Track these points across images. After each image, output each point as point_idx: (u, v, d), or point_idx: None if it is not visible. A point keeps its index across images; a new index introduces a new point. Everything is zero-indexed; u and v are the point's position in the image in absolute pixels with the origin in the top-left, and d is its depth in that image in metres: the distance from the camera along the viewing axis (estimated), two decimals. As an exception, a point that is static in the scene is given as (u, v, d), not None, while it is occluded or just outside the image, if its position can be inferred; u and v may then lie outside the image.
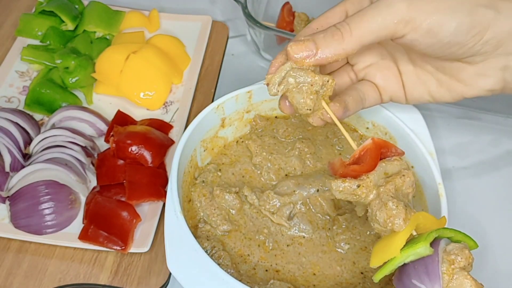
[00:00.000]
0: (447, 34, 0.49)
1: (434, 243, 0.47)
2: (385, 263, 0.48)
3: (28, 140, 0.74)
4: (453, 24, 0.48)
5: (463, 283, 0.45)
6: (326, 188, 0.65)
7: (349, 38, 0.49)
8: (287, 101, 0.55)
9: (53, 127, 0.75)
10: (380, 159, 0.51)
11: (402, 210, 0.47)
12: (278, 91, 0.52)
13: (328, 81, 0.52)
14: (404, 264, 0.47)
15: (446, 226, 0.51)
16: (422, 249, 0.46)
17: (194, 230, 0.62)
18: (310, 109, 0.52)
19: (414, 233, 0.49)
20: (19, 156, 0.71)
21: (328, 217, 0.63)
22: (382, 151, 0.51)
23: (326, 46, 0.50)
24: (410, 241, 0.47)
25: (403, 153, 0.52)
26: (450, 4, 0.49)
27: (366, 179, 0.49)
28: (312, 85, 0.51)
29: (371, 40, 0.49)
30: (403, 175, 0.50)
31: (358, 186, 0.49)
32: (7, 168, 0.70)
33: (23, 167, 0.71)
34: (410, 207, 0.49)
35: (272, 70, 0.54)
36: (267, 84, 0.53)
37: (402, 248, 0.47)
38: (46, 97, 0.79)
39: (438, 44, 0.50)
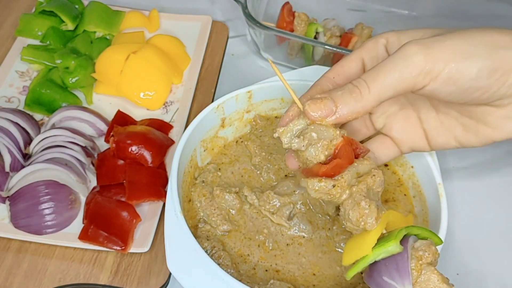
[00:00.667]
0: (468, 80, 0.47)
1: (403, 241, 0.48)
2: (357, 260, 0.49)
3: (28, 140, 0.74)
4: (474, 70, 0.46)
5: (430, 277, 0.46)
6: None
7: (368, 95, 0.47)
8: (293, 156, 0.54)
9: (53, 127, 0.75)
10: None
11: (374, 210, 0.48)
12: (303, 145, 0.51)
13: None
14: (375, 262, 0.49)
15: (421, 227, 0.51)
16: (393, 247, 0.47)
17: (194, 230, 0.62)
18: (321, 163, 0.51)
19: (384, 231, 0.50)
20: (19, 156, 0.71)
21: (328, 217, 0.63)
22: (352, 147, 0.52)
23: (345, 104, 0.48)
24: (381, 239, 0.48)
25: (369, 150, 0.53)
26: (467, 49, 0.47)
27: (340, 179, 0.50)
28: (331, 141, 0.50)
29: (390, 95, 0.48)
30: (374, 175, 0.51)
31: (334, 186, 0.49)
32: (7, 168, 0.70)
33: (23, 167, 0.71)
34: (381, 207, 0.50)
35: (284, 122, 0.53)
36: (279, 137, 0.52)
37: (374, 246, 0.48)
38: (46, 97, 0.79)
39: (460, 91, 0.48)
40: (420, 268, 0.47)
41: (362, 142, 0.60)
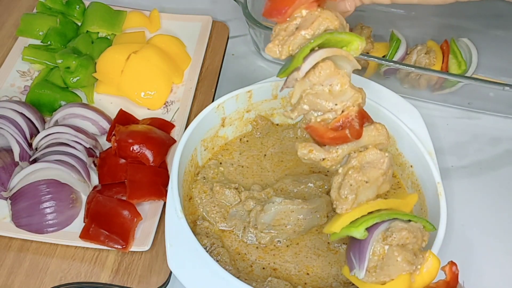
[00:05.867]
0: None
1: (373, 226, 0.50)
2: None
3: (35, 131, 0.75)
4: None
5: (391, 257, 0.48)
6: (326, 187, 0.65)
7: None
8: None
9: (56, 124, 0.76)
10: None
11: (349, 202, 0.49)
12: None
13: None
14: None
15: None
16: (355, 233, 0.49)
17: (193, 226, 0.62)
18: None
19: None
20: (26, 146, 0.72)
21: (326, 218, 0.63)
22: (363, 121, 0.51)
23: None
24: (358, 219, 0.50)
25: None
26: None
27: (334, 153, 0.50)
28: (347, 103, 0.50)
29: None
30: (379, 168, 0.51)
31: (323, 159, 0.50)
32: (17, 158, 0.70)
33: (30, 157, 0.71)
34: (369, 197, 0.51)
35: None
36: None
37: (344, 226, 0.50)
38: (46, 98, 0.79)
39: None
40: (383, 249, 0.48)
41: None
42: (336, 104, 0.49)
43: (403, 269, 0.48)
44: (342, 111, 0.49)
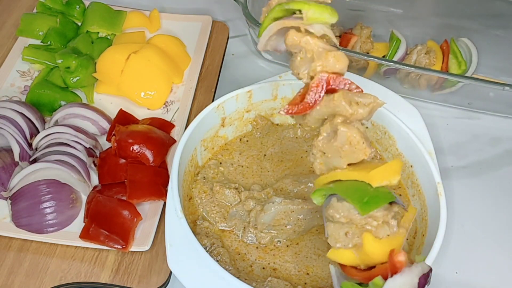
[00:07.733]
0: None
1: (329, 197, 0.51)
2: None
3: (35, 131, 0.75)
4: None
5: (328, 227, 0.50)
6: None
7: None
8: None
9: (56, 123, 0.76)
10: (333, 92, 0.51)
11: (317, 166, 0.51)
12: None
13: None
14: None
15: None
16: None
17: (193, 226, 0.62)
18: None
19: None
20: (26, 146, 0.72)
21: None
22: (330, 85, 0.51)
23: None
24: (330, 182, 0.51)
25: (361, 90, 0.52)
26: None
27: (306, 117, 0.52)
28: (315, 70, 0.51)
29: None
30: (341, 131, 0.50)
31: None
32: (17, 158, 0.71)
33: (30, 157, 0.71)
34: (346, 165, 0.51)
35: None
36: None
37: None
38: (46, 98, 0.79)
39: None
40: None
41: None
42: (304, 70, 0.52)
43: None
44: (312, 77, 0.51)
